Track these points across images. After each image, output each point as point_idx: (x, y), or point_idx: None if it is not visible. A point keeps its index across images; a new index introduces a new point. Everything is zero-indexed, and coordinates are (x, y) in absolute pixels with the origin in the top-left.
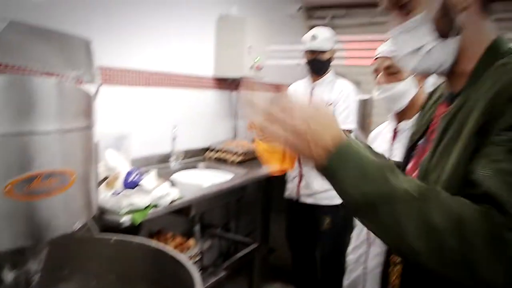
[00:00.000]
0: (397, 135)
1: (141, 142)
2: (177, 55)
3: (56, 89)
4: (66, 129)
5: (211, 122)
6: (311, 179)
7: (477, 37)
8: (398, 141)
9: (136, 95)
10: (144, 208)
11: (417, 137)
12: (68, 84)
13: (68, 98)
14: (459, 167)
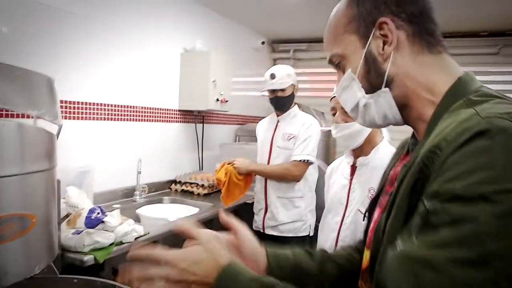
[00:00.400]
0: (355, 170)
1: (105, 176)
2: (142, 88)
3: (17, 132)
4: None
5: (176, 154)
6: (276, 210)
7: (422, 77)
8: (357, 176)
9: (99, 128)
10: (108, 245)
11: (380, 186)
12: (29, 126)
13: (29, 141)
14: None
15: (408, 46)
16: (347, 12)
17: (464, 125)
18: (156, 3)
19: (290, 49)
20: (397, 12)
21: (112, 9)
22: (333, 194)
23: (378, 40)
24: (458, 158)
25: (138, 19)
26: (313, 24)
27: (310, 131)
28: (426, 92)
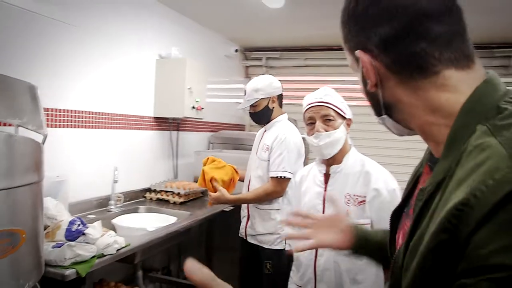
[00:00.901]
0: (330, 177)
1: (78, 186)
2: (116, 95)
3: (6, 143)
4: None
5: (151, 162)
6: (255, 220)
7: (419, 105)
8: (332, 183)
9: (73, 136)
10: (90, 258)
11: (403, 199)
12: (19, 137)
13: (19, 153)
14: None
15: (392, 76)
16: (343, 29)
17: (496, 175)
18: (131, 9)
19: (263, 57)
20: (373, 38)
21: (86, 14)
22: (307, 201)
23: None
24: (503, 225)
25: (114, 25)
26: (286, 33)
27: (284, 145)
28: (430, 115)
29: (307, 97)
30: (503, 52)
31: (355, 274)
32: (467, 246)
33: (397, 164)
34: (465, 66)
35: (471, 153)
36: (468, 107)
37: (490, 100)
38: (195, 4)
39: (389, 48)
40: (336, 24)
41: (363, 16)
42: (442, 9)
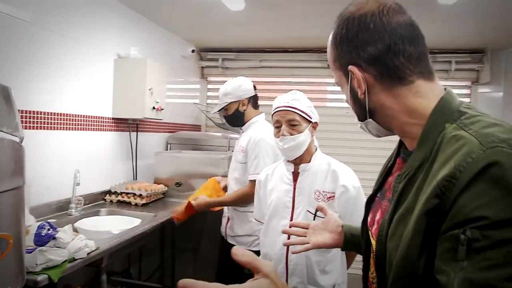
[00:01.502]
0: (299, 175)
1: (37, 189)
2: (74, 96)
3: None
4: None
5: (110, 164)
6: (234, 221)
7: (398, 108)
8: (301, 181)
9: (29, 138)
10: (61, 263)
11: (375, 188)
12: (6, 141)
13: (6, 157)
14: (415, 241)
15: (378, 84)
16: (332, 51)
17: (472, 155)
18: (90, 7)
19: (219, 58)
20: (363, 55)
21: (42, 10)
22: (276, 199)
23: (355, 80)
24: (479, 189)
25: (71, 23)
26: (243, 34)
27: (258, 148)
28: (407, 117)
29: (276, 100)
30: (444, 57)
31: (324, 265)
32: (452, 208)
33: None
34: (430, 79)
35: (449, 142)
36: (437, 110)
37: (452, 106)
38: (155, 5)
39: (376, 62)
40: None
41: (354, 39)
42: (412, 35)
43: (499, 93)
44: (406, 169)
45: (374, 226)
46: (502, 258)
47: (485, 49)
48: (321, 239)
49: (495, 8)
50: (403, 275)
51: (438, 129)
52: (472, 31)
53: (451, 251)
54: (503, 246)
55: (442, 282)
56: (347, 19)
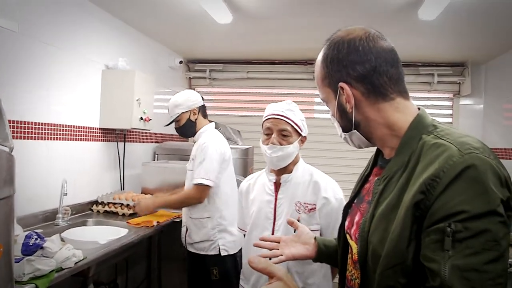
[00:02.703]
0: (280, 186)
1: (23, 200)
2: (62, 105)
3: None
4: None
5: (97, 174)
6: (191, 228)
7: (382, 119)
8: (282, 192)
9: (16, 148)
10: (49, 272)
11: (352, 195)
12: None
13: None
14: (403, 233)
15: (364, 100)
16: (321, 69)
17: (453, 159)
18: (77, 18)
19: (206, 69)
20: (352, 74)
21: (29, 21)
22: (257, 210)
23: (343, 95)
24: (460, 187)
25: (58, 34)
26: (230, 46)
27: (204, 153)
28: (386, 129)
29: (269, 107)
30: (427, 70)
31: (306, 277)
32: (435, 203)
33: (341, 173)
34: (406, 98)
35: (430, 148)
36: (414, 124)
37: (427, 121)
38: (143, 16)
39: (363, 80)
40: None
41: (345, 60)
42: (393, 59)
43: (480, 105)
44: (385, 173)
45: (354, 228)
46: (480, 246)
47: (465, 62)
48: (295, 251)
49: (474, 24)
50: (393, 264)
51: (416, 139)
52: (453, 46)
53: (438, 242)
54: (481, 235)
55: (434, 269)
56: (338, 42)
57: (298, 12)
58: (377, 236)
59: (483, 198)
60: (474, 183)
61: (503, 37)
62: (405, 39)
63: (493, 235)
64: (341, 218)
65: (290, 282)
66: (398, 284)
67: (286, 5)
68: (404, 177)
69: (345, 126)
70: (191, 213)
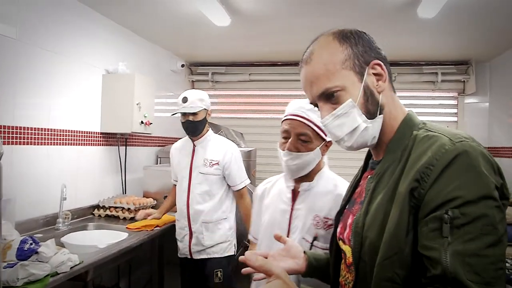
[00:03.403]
0: (298, 195)
1: (24, 204)
2: (63, 111)
3: None
4: None
5: (99, 178)
6: (201, 235)
7: (394, 112)
8: (300, 202)
9: (17, 154)
10: (44, 277)
11: (344, 203)
12: None
13: None
14: (400, 223)
15: (387, 83)
16: (343, 51)
17: (446, 147)
18: (77, 23)
19: (209, 72)
20: (378, 56)
21: (29, 27)
22: (269, 219)
23: (370, 76)
24: (453, 174)
25: (58, 39)
26: (231, 49)
27: (236, 157)
28: (393, 121)
29: (290, 105)
30: (430, 69)
31: None
32: (429, 192)
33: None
34: (395, 92)
35: (421, 140)
36: (406, 121)
37: (416, 120)
38: (143, 20)
39: (386, 63)
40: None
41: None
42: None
43: (485, 103)
44: (377, 171)
45: (346, 231)
46: (478, 231)
47: (469, 60)
48: (284, 265)
49: (476, 21)
50: (391, 254)
51: (407, 136)
52: (455, 43)
53: (436, 230)
54: (478, 220)
55: (434, 257)
56: (351, 30)
57: (297, 12)
58: (375, 230)
59: (478, 183)
60: (467, 169)
61: (507, 34)
62: (406, 38)
63: (490, 220)
64: (333, 226)
65: (287, 279)
66: (395, 276)
67: (284, 6)
68: (398, 170)
69: (369, 111)
70: (207, 217)
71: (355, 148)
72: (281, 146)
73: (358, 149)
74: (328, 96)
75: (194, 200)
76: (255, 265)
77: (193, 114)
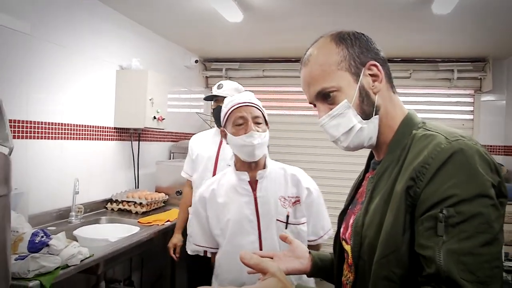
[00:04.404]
0: (257, 183)
1: (37, 197)
2: (76, 106)
3: None
4: None
5: (111, 173)
6: None
7: (392, 112)
8: (261, 189)
9: (31, 148)
10: (54, 269)
11: (347, 203)
12: None
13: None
14: (397, 221)
15: (385, 84)
16: (339, 52)
17: (442, 146)
18: (91, 19)
19: (223, 68)
20: (376, 57)
21: (45, 24)
22: (235, 214)
23: (366, 77)
24: (449, 172)
25: (73, 36)
26: (245, 45)
27: None
28: (391, 121)
29: (232, 99)
30: (446, 66)
31: None
32: (425, 190)
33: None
34: (395, 92)
35: (419, 139)
36: (406, 121)
37: (416, 119)
38: (156, 16)
39: (385, 65)
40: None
41: (369, 44)
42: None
43: (502, 101)
44: (377, 171)
45: (348, 231)
46: (474, 229)
47: (486, 57)
48: (289, 265)
49: (492, 18)
50: (387, 253)
51: (406, 136)
52: (472, 40)
53: (431, 229)
54: (473, 219)
55: (429, 256)
56: (347, 32)
57: (310, 11)
58: (373, 229)
59: (473, 181)
60: (463, 167)
61: None
62: (421, 35)
63: (485, 218)
64: (337, 226)
65: (283, 277)
66: (392, 274)
67: (297, 4)
68: (396, 170)
69: (364, 112)
70: None
71: (352, 149)
72: (239, 132)
73: (355, 150)
74: (324, 97)
75: None
76: (250, 263)
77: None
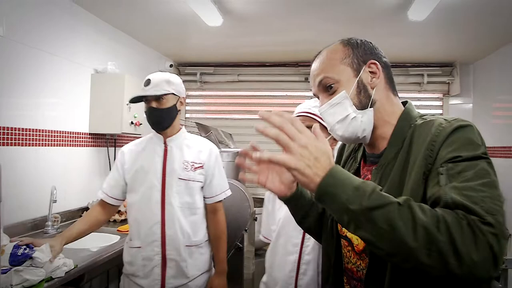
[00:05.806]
0: None
1: (10, 208)
2: (50, 111)
3: None
4: None
5: (87, 180)
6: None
7: (389, 108)
8: None
9: (3, 155)
10: (38, 283)
11: None
12: None
13: None
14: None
15: (383, 83)
16: (344, 51)
17: (443, 125)
18: (65, 22)
19: (197, 72)
20: (378, 60)
21: (14, 24)
22: (285, 215)
23: (366, 73)
24: (450, 142)
25: (46, 38)
26: (220, 49)
27: (219, 160)
28: (388, 117)
29: (299, 106)
30: (417, 70)
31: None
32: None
33: None
34: (397, 95)
35: (420, 126)
36: (404, 115)
37: (414, 113)
38: (132, 19)
39: (386, 69)
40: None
41: (373, 49)
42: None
43: (469, 105)
44: (382, 161)
45: None
46: (474, 174)
47: (454, 62)
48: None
49: (462, 24)
50: None
51: (406, 127)
52: (442, 46)
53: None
54: (472, 168)
55: (435, 197)
56: (357, 39)
57: (288, 14)
58: None
59: (471, 147)
60: (462, 138)
61: (490, 38)
62: (395, 40)
63: (483, 167)
64: (329, 224)
65: None
66: None
67: (276, 7)
68: (400, 159)
69: (360, 102)
70: (192, 237)
71: (347, 138)
72: None
73: (350, 141)
74: (326, 88)
75: (174, 216)
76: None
77: (156, 99)
